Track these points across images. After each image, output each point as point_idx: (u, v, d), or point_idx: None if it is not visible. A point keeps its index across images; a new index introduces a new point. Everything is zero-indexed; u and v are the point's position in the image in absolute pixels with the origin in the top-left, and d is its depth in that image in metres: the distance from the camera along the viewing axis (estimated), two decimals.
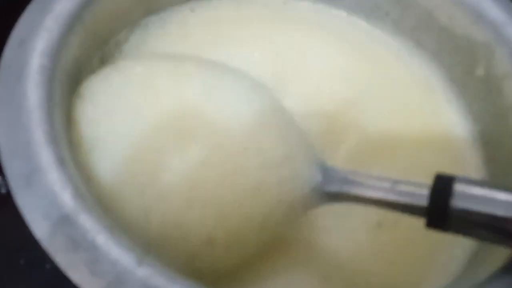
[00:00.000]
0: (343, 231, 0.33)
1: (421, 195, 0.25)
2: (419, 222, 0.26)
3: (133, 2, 0.37)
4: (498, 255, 0.29)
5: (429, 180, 0.25)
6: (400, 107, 0.38)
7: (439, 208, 0.25)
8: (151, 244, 0.26)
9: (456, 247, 0.33)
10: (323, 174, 0.29)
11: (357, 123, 0.36)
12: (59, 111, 0.29)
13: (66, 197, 0.25)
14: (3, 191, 0.37)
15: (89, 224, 0.24)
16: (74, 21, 0.32)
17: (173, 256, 0.26)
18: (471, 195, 0.24)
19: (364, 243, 0.33)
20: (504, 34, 0.36)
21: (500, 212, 0.24)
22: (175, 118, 0.28)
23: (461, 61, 0.39)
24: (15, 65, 0.29)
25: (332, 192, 0.28)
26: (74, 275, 0.23)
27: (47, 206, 0.25)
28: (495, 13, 0.37)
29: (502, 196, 0.25)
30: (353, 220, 0.33)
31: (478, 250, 0.32)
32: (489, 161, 0.37)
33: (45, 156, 0.26)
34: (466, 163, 0.37)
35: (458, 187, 0.25)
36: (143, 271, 0.23)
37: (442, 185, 0.25)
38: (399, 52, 0.41)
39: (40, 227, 0.24)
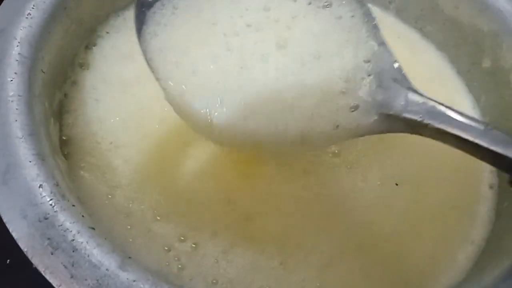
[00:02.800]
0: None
1: None
2: None
3: None
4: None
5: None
6: None
7: None
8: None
9: (466, 243, 0.32)
10: (405, 98, 0.25)
11: None
12: (40, 102, 0.27)
13: (44, 195, 0.23)
14: None
15: (68, 224, 0.22)
16: (57, 8, 0.30)
17: None
18: None
19: None
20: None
21: None
22: None
23: (467, 52, 0.37)
24: None
25: (413, 120, 0.24)
26: (53, 279, 0.22)
27: (25, 205, 0.23)
28: (502, 2, 0.36)
29: None
30: None
31: (488, 246, 0.32)
32: None
33: (23, 150, 0.24)
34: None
35: None
36: (127, 275, 0.22)
37: None
38: (404, 41, 0.39)
39: (17, 227, 0.23)
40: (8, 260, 0.34)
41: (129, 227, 0.28)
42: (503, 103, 0.35)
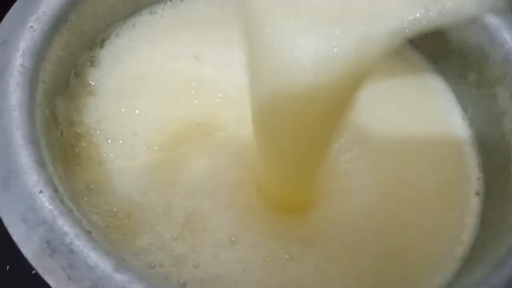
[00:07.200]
0: None
1: None
2: None
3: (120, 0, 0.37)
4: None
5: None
6: (400, 107, 0.38)
7: None
8: None
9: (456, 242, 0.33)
10: None
11: (356, 123, 0.36)
12: (41, 111, 0.28)
13: (44, 200, 0.24)
14: None
15: (66, 227, 0.24)
16: (59, 21, 0.31)
17: None
18: None
19: None
20: (498, 38, 0.36)
21: None
22: None
23: (455, 65, 0.39)
24: None
25: None
26: (50, 280, 0.23)
27: (24, 209, 0.24)
28: (489, 17, 0.37)
29: None
30: None
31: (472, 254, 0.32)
32: (484, 163, 0.36)
33: (24, 158, 0.25)
34: (464, 164, 0.36)
35: None
36: (121, 277, 0.23)
37: None
38: (396, 53, 0.40)
39: (17, 230, 0.24)
40: (8, 267, 0.35)
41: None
42: (489, 115, 0.36)
